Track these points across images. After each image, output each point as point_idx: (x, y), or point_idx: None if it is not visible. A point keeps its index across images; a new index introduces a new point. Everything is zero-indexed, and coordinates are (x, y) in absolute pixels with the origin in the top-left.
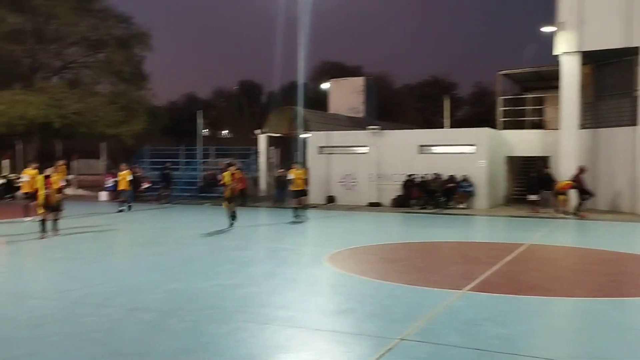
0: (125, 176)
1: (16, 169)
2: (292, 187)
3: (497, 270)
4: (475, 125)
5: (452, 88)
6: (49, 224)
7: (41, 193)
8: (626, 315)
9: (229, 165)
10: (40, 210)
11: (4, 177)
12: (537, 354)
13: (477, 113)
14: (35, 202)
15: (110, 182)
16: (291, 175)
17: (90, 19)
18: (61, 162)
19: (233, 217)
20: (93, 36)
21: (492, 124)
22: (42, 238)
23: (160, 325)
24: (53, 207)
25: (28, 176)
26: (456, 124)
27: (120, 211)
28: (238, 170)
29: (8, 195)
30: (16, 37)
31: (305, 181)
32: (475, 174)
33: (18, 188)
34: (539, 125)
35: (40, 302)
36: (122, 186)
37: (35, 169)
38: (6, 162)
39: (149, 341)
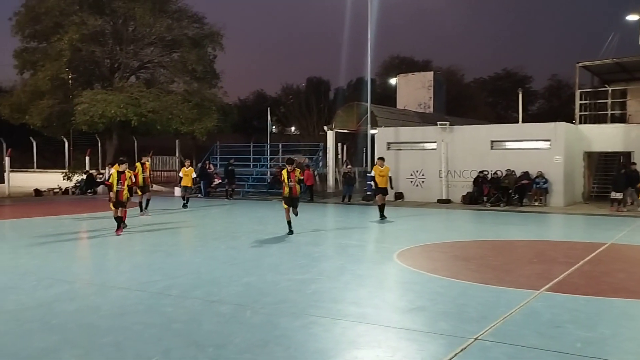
0: (189, 173)
1: (98, 165)
2: (377, 185)
3: (577, 270)
4: (551, 120)
5: (525, 81)
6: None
7: (114, 189)
8: None
9: (289, 162)
10: (113, 207)
11: (86, 172)
12: (625, 358)
13: (552, 107)
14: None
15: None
16: (373, 172)
17: (166, 19)
18: (145, 158)
19: (289, 223)
20: (168, 36)
21: (569, 119)
22: (119, 234)
23: (235, 318)
24: (121, 204)
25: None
26: (530, 118)
27: (185, 206)
28: (298, 169)
29: (89, 190)
30: (97, 39)
31: (390, 179)
32: (551, 170)
33: (98, 183)
34: (620, 119)
35: (122, 292)
36: (185, 182)
37: (121, 164)
38: (87, 159)
39: (225, 333)
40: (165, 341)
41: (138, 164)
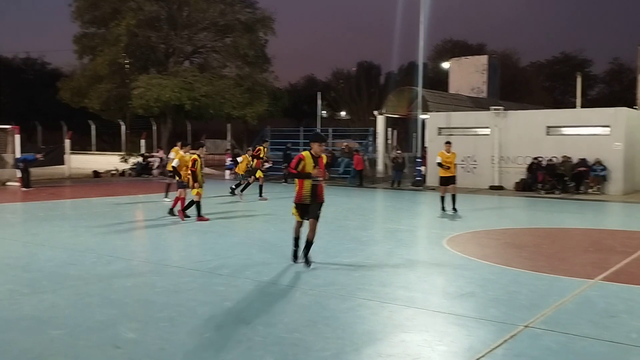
0: (244, 160)
1: (152, 148)
2: (440, 173)
3: (635, 260)
4: (611, 105)
5: (585, 65)
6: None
7: (187, 173)
8: None
9: (317, 139)
10: (195, 192)
11: (141, 155)
12: None
13: (613, 92)
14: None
15: (229, 161)
16: (439, 158)
17: (219, 4)
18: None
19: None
20: (221, 21)
21: (630, 104)
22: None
23: (284, 298)
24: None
25: (174, 154)
26: (589, 103)
27: (232, 190)
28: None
29: (145, 173)
30: (152, 25)
31: (455, 166)
32: (609, 157)
33: (151, 167)
34: None
35: (177, 270)
36: (241, 170)
37: (182, 147)
38: (143, 142)
39: (275, 312)
40: (217, 318)
41: (260, 147)
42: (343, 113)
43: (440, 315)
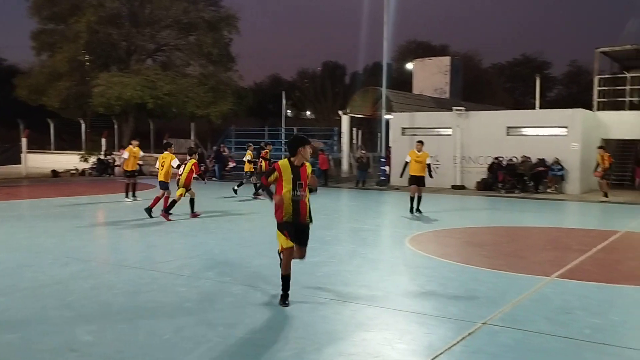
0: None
1: (114, 147)
2: (410, 172)
3: (590, 258)
4: (569, 106)
5: (544, 67)
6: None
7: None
8: None
9: (298, 142)
10: (179, 192)
11: (105, 153)
12: (633, 345)
13: (571, 93)
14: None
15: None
16: (408, 157)
17: (182, 2)
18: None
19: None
20: (184, 19)
21: (587, 105)
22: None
23: (246, 299)
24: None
25: (128, 154)
26: (548, 104)
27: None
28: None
29: (106, 173)
30: (113, 22)
31: (428, 167)
32: (567, 157)
33: (113, 166)
34: (639, 106)
35: (137, 272)
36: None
37: (137, 146)
38: (104, 141)
39: (236, 313)
40: (177, 319)
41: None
42: (308, 113)
43: (401, 314)
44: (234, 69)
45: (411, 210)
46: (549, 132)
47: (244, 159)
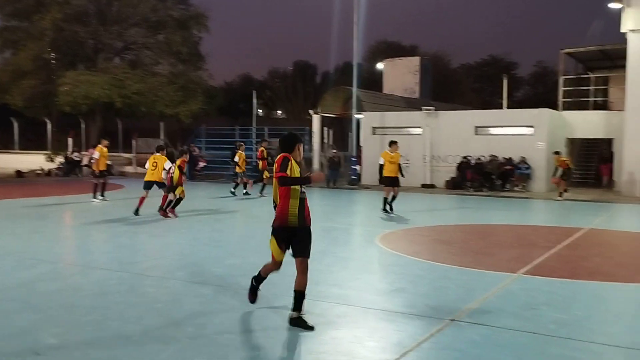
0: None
1: (81, 146)
2: (385, 173)
3: (555, 254)
4: (535, 106)
5: (511, 68)
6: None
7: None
8: None
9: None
10: (179, 190)
11: (74, 152)
12: (596, 339)
13: (537, 93)
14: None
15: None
16: (382, 159)
17: (150, 0)
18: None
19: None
20: (153, 17)
21: (553, 105)
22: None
23: (216, 299)
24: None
25: (99, 153)
26: (515, 104)
27: (246, 193)
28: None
29: (72, 173)
30: (80, 19)
31: (399, 167)
32: (533, 156)
33: (81, 166)
34: (602, 106)
35: (105, 273)
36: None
37: (106, 146)
38: (70, 141)
39: (205, 313)
40: (145, 320)
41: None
42: (279, 112)
43: (371, 312)
44: (204, 67)
45: (385, 209)
46: (516, 132)
47: (235, 160)
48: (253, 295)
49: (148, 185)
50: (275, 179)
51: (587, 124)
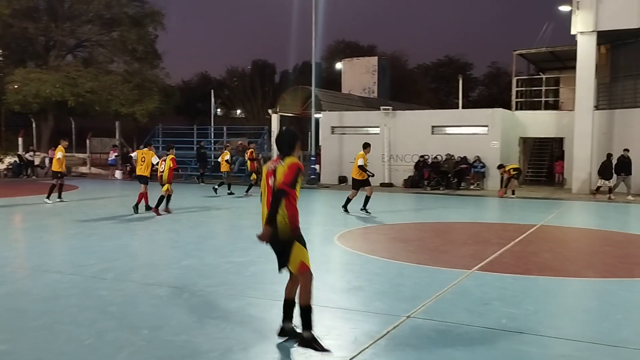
0: (223, 157)
1: (33, 146)
2: (359, 176)
3: (508, 251)
4: (490, 106)
5: (467, 68)
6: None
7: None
8: (635, 296)
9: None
10: (165, 188)
11: (30, 151)
12: (546, 333)
13: (491, 93)
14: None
15: (112, 156)
16: (360, 160)
17: None
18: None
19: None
20: (107, 14)
21: (506, 105)
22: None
23: (172, 300)
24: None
25: (62, 153)
26: (470, 104)
27: (215, 190)
28: (251, 150)
29: (23, 173)
30: (30, 15)
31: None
32: (488, 155)
33: (33, 166)
34: (554, 106)
35: (56, 276)
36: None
37: (65, 147)
38: (20, 141)
39: (161, 315)
40: (99, 324)
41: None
42: (238, 111)
43: (329, 310)
44: (160, 66)
45: (345, 208)
46: (471, 131)
47: (221, 159)
48: (319, 345)
49: (144, 180)
50: (277, 188)
51: (539, 123)
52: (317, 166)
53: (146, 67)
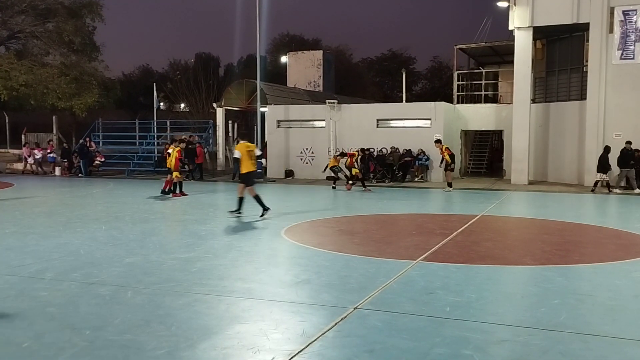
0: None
1: None
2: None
3: (451, 241)
4: (432, 100)
5: (410, 62)
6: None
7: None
8: (570, 281)
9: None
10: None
11: None
12: (487, 319)
13: (434, 87)
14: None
15: (38, 154)
16: (256, 152)
17: None
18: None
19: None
20: (41, 5)
21: (448, 98)
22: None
23: (115, 299)
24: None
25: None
26: (414, 98)
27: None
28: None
29: None
30: None
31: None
32: (431, 147)
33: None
34: (493, 99)
35: None
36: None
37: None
38: None
39: (104, 315)
40: (37, 326)
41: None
42: (182, 105)
43: (276, 304)
44: (99, 59)
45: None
46: (414, 124)
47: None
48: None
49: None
50: None
51: (479, 116)
52: (263, 160)
53: (84, 60)
